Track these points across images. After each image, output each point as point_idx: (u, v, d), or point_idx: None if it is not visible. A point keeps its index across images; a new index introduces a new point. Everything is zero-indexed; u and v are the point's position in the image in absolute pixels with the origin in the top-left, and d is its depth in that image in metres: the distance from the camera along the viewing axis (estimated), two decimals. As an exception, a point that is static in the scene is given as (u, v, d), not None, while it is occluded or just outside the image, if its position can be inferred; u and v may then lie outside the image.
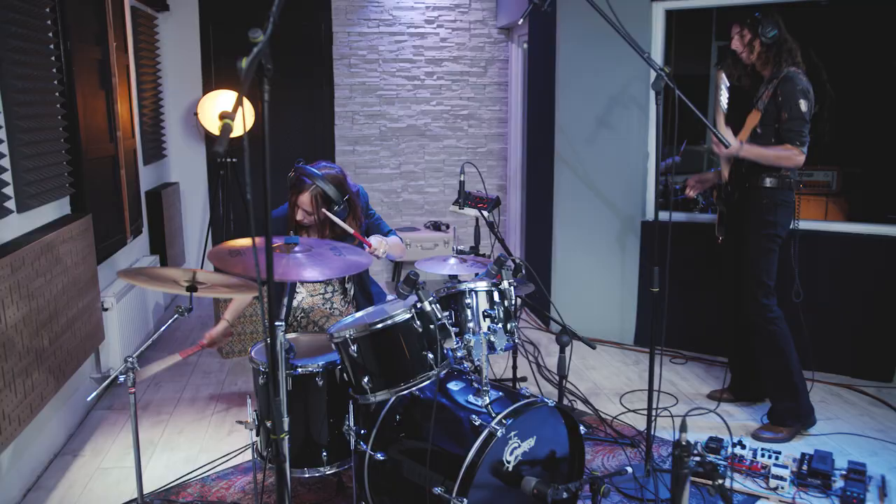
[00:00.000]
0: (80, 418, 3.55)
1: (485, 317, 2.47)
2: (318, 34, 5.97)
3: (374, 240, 2.86)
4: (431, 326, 2.25)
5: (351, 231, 2.82)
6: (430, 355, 2.24)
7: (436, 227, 6.19)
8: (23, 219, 2.98)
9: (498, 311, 2.48)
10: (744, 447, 3.09)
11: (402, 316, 2.23)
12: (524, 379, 4.08)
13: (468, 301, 2.46)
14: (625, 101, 4.49)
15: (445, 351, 2.31)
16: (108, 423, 3.57)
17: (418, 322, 2.23)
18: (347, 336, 2.23)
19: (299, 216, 2.91)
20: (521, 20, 2.93)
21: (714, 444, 3.19)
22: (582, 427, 2.47)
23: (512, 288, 2.49)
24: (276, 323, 2.08)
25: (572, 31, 4.63)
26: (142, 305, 4.35)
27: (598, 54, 4.49)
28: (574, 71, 4.67)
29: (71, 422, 3.44)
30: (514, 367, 3.73)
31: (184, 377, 4.16)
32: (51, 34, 3.32)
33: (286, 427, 1.57)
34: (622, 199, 4.62)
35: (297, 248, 2.25)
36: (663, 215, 4.52)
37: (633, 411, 3.69)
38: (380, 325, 2.23)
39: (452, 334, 2.25)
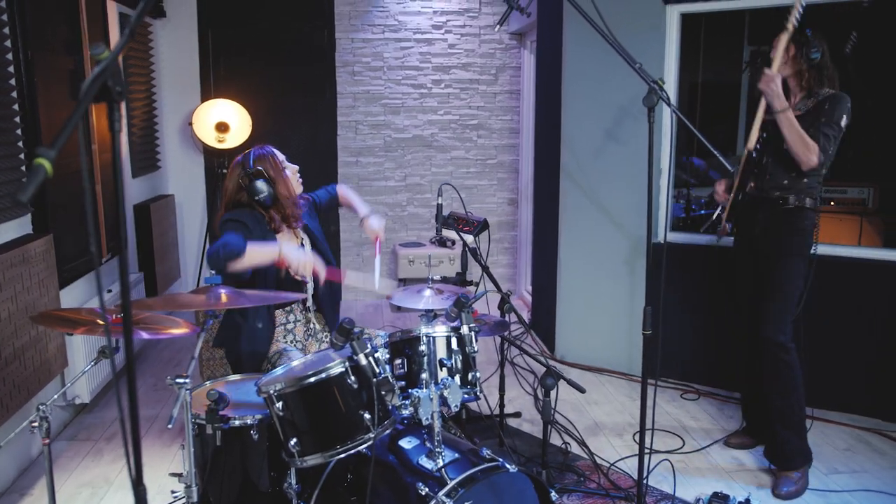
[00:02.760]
0: (37, 451, 3.33)
1: (441, 366, 2.16)
2: (319, 41, 5.71)
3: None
4: (374, 380, 1.96)
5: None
6: (367, 415, 1.94)
7: (441, 243, 5.87)
8: (-38, 242, 2.78)
9: (455, 360, 2.17)
10: (752, 507, 2.75)
11: (336, 369, 1.94)
12: (518, 415, 3.76)
13: (422, 348, 2.15)
14: (635, 113, 4.13)
15: (390, 408, 2.02)
16: (67, 456, 3.35)
17: (353, 377, 1.93)
18: (272, 392, 1.95)
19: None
20: (497, 27, 2.64)
21: (718, 502, 2.85)
22: (554, 494, 2.16)
23: (473, 333, 2.18)
24: (179, 380, 1.81)
25: (579, 35, 4.29)
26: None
27: (607, 61, 4.10)
28: (581, 79, 4.33)
29: (24, 455, 3.23)
30: (502, 406, 3.42)
31: (161, 402, 3.94)
32: (8, 43, 3.12)
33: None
34: (632, 219, 4.26)
35: (220, 289, 1.98)
36: (681, 237, 4.20)
37: (633, 455, 3.35)
38: (311, 380, 1.94)
39: (395, 389, 1.96)
